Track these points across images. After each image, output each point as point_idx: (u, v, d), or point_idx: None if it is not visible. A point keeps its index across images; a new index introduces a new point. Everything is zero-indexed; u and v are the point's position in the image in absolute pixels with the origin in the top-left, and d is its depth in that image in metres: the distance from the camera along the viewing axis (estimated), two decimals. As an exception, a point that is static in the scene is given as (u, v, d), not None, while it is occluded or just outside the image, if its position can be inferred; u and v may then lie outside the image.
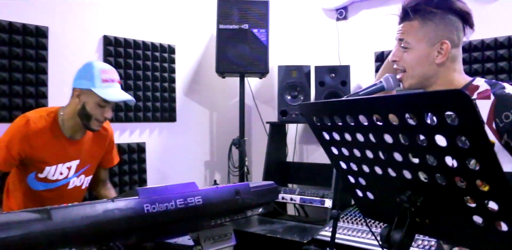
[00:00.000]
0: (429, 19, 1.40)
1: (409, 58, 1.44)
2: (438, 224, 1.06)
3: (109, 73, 2.15)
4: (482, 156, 0.81)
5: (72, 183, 2.27)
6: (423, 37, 1.41)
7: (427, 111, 0.84)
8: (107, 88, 2.11)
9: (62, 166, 2.20)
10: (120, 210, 1.39)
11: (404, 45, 1.44)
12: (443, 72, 1.43)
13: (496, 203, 0.86)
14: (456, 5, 1.40)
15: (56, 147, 2.16)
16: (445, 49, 1.39)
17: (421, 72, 1.44)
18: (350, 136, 1.11)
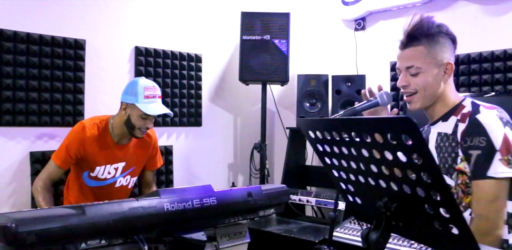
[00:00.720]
0: (434, 43, 1.56)
1: (422, 80, 1.58)
2: (409, 227, 1.23)
3: (151, 90, 2.48)
4: (430, 171, 0.98)
5: (119, 182, 2.63)
6: (431, 60, 1.56)
7: (389, 133, 1.02)
8: (149, 104, 2.45)
9: (110, 167, 2.56)
10: (143, 208, 1.58)
11: (415, 71, 1.58)
12: (444, 90, 1.59)
13: (446, 211, 1.03)
14: (449, 30, 1.58)
15: (106, 150, 2.53)
16: (450, 69, 1.56)
17: (432, 92, 1.59)
18: (337, 149, 1.29)
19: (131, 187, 2.75)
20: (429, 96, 1.60)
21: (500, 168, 1.38)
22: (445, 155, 1.56)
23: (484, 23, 2.96)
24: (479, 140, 1.42)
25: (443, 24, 1.59)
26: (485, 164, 1.40)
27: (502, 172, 1.38)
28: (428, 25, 1.56)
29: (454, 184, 1.52)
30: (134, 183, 2.75)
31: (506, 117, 1.48)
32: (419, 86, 1.59)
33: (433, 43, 1.56)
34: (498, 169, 1.38)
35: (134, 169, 2.69)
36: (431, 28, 1.55)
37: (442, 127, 1.59)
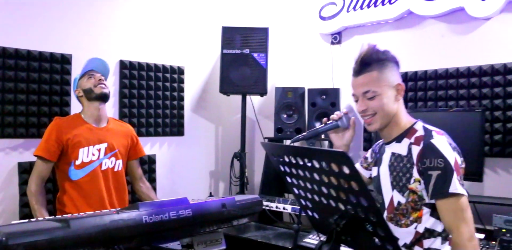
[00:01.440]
0: (385, 67, 1.72)
1: (379, 103, 1.71)
2: (356, 241, 1.39)
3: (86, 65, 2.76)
4: (366, 197, 1.14)
5: (105, 164, 2.71)
6: (385, 83, 1.71)
7: (331, 163, 1.18)
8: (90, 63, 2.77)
9: (93, 148, 2.67)
10: (123, 220, 1.72)
11: (372, 95, 1.71)
12: (399, 111, 1.75)
13: (381, 231, 1.19)
14: (393, 55, 1.75)
15: (85, 132, 2.66)
16: (401, 89, 1.72)
17: (389, 111, 1.72)
18: (295, 170, 1.45)
19: (119, 172, 2.79)
20: (387, 116, 1.74)
21: (458, 185, 1.55)
22: (399, 174, 1.71)
23: (450, 41, 3.14)
24: (437, 161, 1.58)
25: (387, 50, 1.74)
26: (446, 182, 1.55)
27: (460, 189, 1.55)
28: (377, 52, 1.71)
29: (405, 201, 1.68)
30: (121, 167, 2.80)
31: (453, 143, 1.66)
32: (377, 108, 1.72)
33: (383, 68, 1.71)
34: (457, 186, 1.55)
35: (117, 152, 2.77)
36: (380, 54, 1.71)
37: (396, 148, 1.74)
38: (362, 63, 1.73)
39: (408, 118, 1.76)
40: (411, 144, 1.68)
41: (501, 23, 2.93)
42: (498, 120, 2.86)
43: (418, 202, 1.65)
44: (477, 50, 3.02)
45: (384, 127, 1.77)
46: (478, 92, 2.96)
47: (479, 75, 2.96)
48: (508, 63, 2.85)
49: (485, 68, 2.93)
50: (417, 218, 1.66)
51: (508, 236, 2.15)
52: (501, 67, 2.87)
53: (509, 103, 2.84)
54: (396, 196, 1.71)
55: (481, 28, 3.01)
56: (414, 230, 1.68)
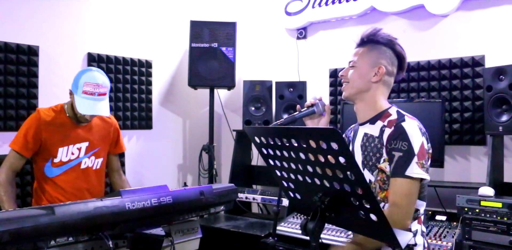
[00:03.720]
0: (376, 48, 1.82)
1: (354, 73, 1.84)
2: (340, 217, 1.47)
3: (91, 87, 2.45)
4: (353, 171, 1.23)
5: (84, 163, 2.62)
6: (367, 59, 1.81)
7: (320, 140, 1.25)
8: (85, 100, 2.43)
9: (73, 147, 2.56)
10: (107, 207, 1.74)
11: (352, 64, 1.85)
12: (374, 91, 1.83)
13: (367, 202, 1.28)
14: (398, 48, 1.84)
15: (66, 130, 2.53)
16: (380, 72, 1.80)
17: (359, 85, 1.82)
18: (279, 152, 1.51)
19: (98, 170, 2.70)
20: (356, 88, 1.84)
21: (416, 169, 1.64)
22: (370, 154, 1.81)
23: (411, 36, 3.30)
24: (402, 144, 1.68)
25: (396, 43, 1.83)
26: (404, 164, 1.65)
27: (417, 173, 1.65)
28: (379, 35, 1.82)
29: (374, 180, 1.78)
30: (101, 166, 2.72)
31: (423, 128, 1.75)
32: (351, 78, 1.85)
33: (374, 48, 1.82)
34: (414, 170, 1.64)
35: (99, 150, 2.68)
36: (380, 38, 1.81)
37: (369, 129, 1.84)
38: (361, 39, 1.86)
39: (385, 103, 1.86)
40: (384, 127, 1.77)
41: (458, 20, 3.11)
42: (456, 111, 3.04)
43: (386, 181, 1.75)
44: (436, 45, 3.19)
45: (353, 98, 1.88)
46: (438, 84, 3.12)
47: (438, 68, 3.13)
48: (464, 57, 3.03)
49: (443, 62, 3.10)
50: (385, 197, 1.76)
51: (470, 214, 2.30)
52: (458, 61, 3.05)
53: (465, 95, 3.01)
54: (366, 175, 1.81)
55: (440, 25, 3.19)
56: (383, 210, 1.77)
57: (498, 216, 2.21)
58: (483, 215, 2.26)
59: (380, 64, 1.81)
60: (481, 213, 2.27)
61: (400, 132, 1.69)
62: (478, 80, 2.97)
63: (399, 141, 1.68)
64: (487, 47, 2.98)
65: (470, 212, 2.31)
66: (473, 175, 2.99)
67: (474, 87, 2.99)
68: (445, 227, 2.58)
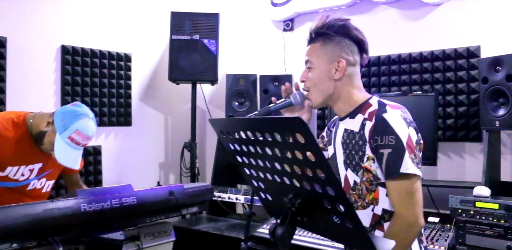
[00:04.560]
0: (329, 41, 1.63)
1: (313, 76, 1.65)
2: (313, 221, 1.29)
3: (81, 138, 2.18)
4: (323, 168, 1.04)
5: (32, 184, 2.33)
6: (323, 56, 1.63)
7: (283, 132, 1.07)
8: (67, 147, 2.16)
9: (25, 168, 2.26)
10: (58, 209, 1.57)
11: (309, 65, 1.67)
12: (342, 88, 1.65)
13: (341, 205, 1.10)
14: (353, 33, 1.64)
15: (22, 149, 2.21)
16: (341, 66, 1.61)
17: (323, 88, 1.64)
18: (246, 147, 1.33)
19: (46, 193, 2.43)
20: (322, 94, 1.66)
21: (410, 164, 1.46)
22: (352, 152, 1.62)
23: (403, 27, 3.12)
24: (388, 138, 1.48)
25: (349, 27, 1.63)
26: (397, 161, 1.46)
27: (412, 168, 1.46)
28: (328, 25, 1.61)
29: (359, 181, 1.59)
30: (50, 188, 2.44)
31: (409, 117, 1.55)
32: (311, 82, 1.66)
33: (327, 41, 1.62)
34: (409, 165, 1.45)
35: (51, 172, 2.40)
36: (331, 28, 1.61)
37: (349, 124, 1.65)
38: (310, 34, 1.68)
39: (363, 94, 1.67)
40: (365, 120, 1.58)
41: (451, 9, 2.94)
42: (450, 105, 2.87)
43: (374, 181, 1.56)
44: (429, 35, 3.02)
45: (324, 105, 1.71)
46: (431, 77, 2.95)
47: (431, 60, 2.95)
48: (458, 48, 2.86)
49: (436, 53, 2.93)
50: (373, 199, 1.57)
51: (464, 216, 2.12)
52: (452, 52, 2.88)
53: (460, 88, 2.84)
54: (350, 176, 1.62)
55: (432, 14, 3.01)
56: (371, 212, 1.58)
57: (495, 218, 2.03)
58: (478, 218, 2.08)
59: (338, 57, 1.61)
60: (476, 215, 2.09)
61: (383, 125, 1.50)
62: (473, 72, 2.79)
63: (384, 135, 1.49)
64: (483, 37, 2.80)
65: (464, 214, 2.12)
66: (468, 173, 2.82)
67: (469, 80, 2.82)
68: (438, 230, 2.40)
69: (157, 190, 1.96)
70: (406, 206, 1.47)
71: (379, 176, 1.55)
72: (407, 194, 1.47)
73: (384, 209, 1.56)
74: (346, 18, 1.64)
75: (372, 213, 1.58)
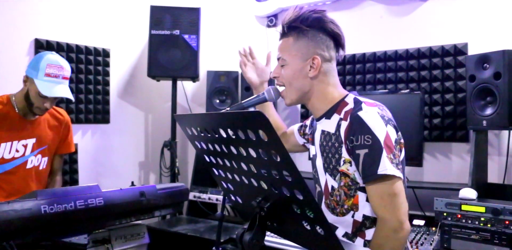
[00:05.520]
0: (302, 36, 1.52)
1: (286, 73, 1.56)
2: (283, 227, 1.19)
3: (55, 68, 2.26)
4: (289, 169, 0.95)
5: (31, 162, 2.38)
6: (296, 52, 1.53)
7: (246, 128, 0.97)
8: (48, 83, 2.24)
9: (18, 143, 2.32)
10: (15, 211, 1.47)
11: (281, 62, 1.57)
12: (318, 86, 1.55)
13: (310, 211, 1.00)
14: (328, 26, 1.53)
15: (11, 124, 2.29)
16: (316, 63, 1.51)
17: (298, 86, 1.55)
18: (212, 146, 1.23)
19: (44, 170, 2.48)
20: (296, 91, 1.56)
21: (388, 164, 1.35)
22: (329, 155, 1.51)
23: (389, 23, 3.03)
24: (364, 138, 1.38)
25: (325, 20, 1.52)
26: (375, 162, 1.36)
27: (390, 169, 1.35)
28: (302, 18, 1.51)
29: (337, 186, 1.49)
30: (46, 165, 2.49)
31: (387, 115, 1.45)
32: (285, 80, 1.57)
33: (301, 36, 1.52)
34: (387, 165, 1.35)
35: (46, 148, 2.45)
36: (304, 21, 1.51)
37: (326, 125, 1.55)
38: (283, 27, 1.58)
39: (339, 91, 1.57)
40: (340, 120, 1.48)
41: (439, 4, 2.85)
42: (437, 104, 2.78)
43: (352, 186, 1.45)
44: (416, 32, 2.93)
45: (298, 103, 1.62)
46: (417, 75, 2.86)
47: (418, 57, 2.86)
48: (445, 45, 2.77)
49: (423, 50, 2.84)
50: (353, 205, 1.47)
51: (449, 220, 2.02)
52: (438, 49, 2.79)
53: (447, 86, 2.75)
54: (329, 180, 1.52)
55: (419, 10, 2.93)
56: (351, 219, 1.47)
57: (481, 222, 1.93)
58: (464, 221, 1.99)
59: (312, 54, 1.51)
60: (462, 219, 1.99)
61: (359, 124, 1.39)
62: (460, 70, 2.71)
63: (359, 135, 1.38)
64: (471, 34, 2.71)
65: (449, 218, 2.03)
66: (455, 175, 2.73)
67: (456, 78, 2.73)
68: (423, 233, 2.30)
69: (126, 191, 1.87)
70: (389, 209, 1.36)
71: (357, 180, 1.44)
72: (389, 196, 1.36)
73: (365, 215, 1.46)
74: (322, 10, 1.54)
75: (353, 220, 1.47)
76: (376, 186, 1.37)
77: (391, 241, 1.34)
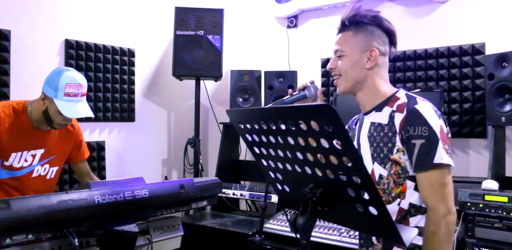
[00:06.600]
0: (361, 30, 1.63)
1: (344, 63, 1.65)
2: (334, 211, 1.28)
3: (74, 88, 2.24)
4: (350, 156, 1.05)
5: (36, 171, 2.37)
6: (355, 45, 1.63)
7: (311, 120, 1.07)
8: (68, 102, 2.21)
9: (27, 153, 2.31)
10: (73, 201, 1.56)
11: (340, 53, 1.66)
12: (372, 77, 1.64)
13: (367, 193, 1.10)
14: (385, 23, 1.64)
15: (23, 134, 2.28)
16: (374, 56, 1.61)
17: (354, 76, 1.64)
18: (265, 138, 1.33)
19: (51, 179, 2.47)
20: (352, 80, 1.66)
21: (444, 154, 1.45)
22: (380, 144, 1.61)
23: (407, 24, 3.13)
24: (421, 129, 1.47)
25: (381, 17, 1.64)
26: (430, 152, 1.45)
27: (446, 158, 1.45)
28: (361, 14, 1.62)
29: (387, 174, 1.58)
30: (54, 175, 2.48)
31: (438, 111, 1.56)
32: (342, 70, 1.66)
33: (360, 30, 1.62)
34: (442, 155, 1.45)
35: (54, 158, 2.44)
36: (363, 17, 1.62)
37: (376, 117, 1.65)
38: (342, 23, 1.68)
39: (390, 87, 1.67)
40: (393, 112, 1.58)
41: (456, 6, 2.95)
42: (455, 101, 2.88)
43: (402, 174, 1.54)
44: (434, 32, 3.03)
45: (355, 94, 1.71)
46: (436, 73, 2.96)
47: (436, 57, 2.96)
48: (463, 45, 2.87)
49: (441, 50, 2.94)
50: (400, 193, 1.56)
51: (473, 210, 2.13)
52: (457, 49, 2.89)
53: (465, 84, 2.85)
54: (377, 169, 1.61)
55: (438, 11, 3.03)
56: (397, 207, 1.56)
57: (504, 211, 2.05)
58: (487, 211, 2.10)
59: (371, 47, 1.61)
60: (485, 208, 2.10)
61: (416, 116, 1.49)
62: (478, 69, 2.81)
63: (416, 126, 1.48)
64: (488, 35, 2.82)
65: (473, 207, 2.14)
66: (473, 169, 2.83)
67: (474, 76, 2.83)
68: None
69: (168, 183, 1.96)
70: (439, 198, 1.46)
71: (408, 169, 1.54)
72: (440, 185, 1.46)
73: (411, 203, 1.55)
74: (378, 10, 1.65)
75: (398, 208, 1.57)
76: (429, 174, 1.47)
77: (443, 226, 1.44)
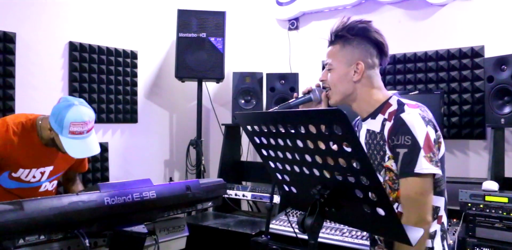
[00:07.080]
0: (349, 42, 1.66)
1: (332, 77, 1.70)
2: (341, 212, 1.32)
3: (79, 126, 2.17)
4: (359, 158, 1.08)
5: (44, 187, 2.39)
6: (342, 58, 1.67)
7: (321, 124, 1.11)
8: (73, 140, 2.16)
9: (36, 171, 2.31)
10: (83, 202, 1.59)
11: (329, 67, 1.71)
12: (361, 89, 1.68)
13: (374, 194, 1.14)
14: (372, 35, 1.66)
15: (33, 152, 2.24)
16: (360, 69, 1.65)
17: (342, 89, 1.69)
18: (274, 140, 1.37)
19: (54, 190, 2.51)
20: (340, 94, 1.70)
21: (424, 164, 1.48)
22: (374, 152, 1.66)
23: (407, 27, 3.17)
24: (404, 138, 1.51)
25: (370, 29, 1.64)
26: (412, 161, 1.49)
27: (426, 168, 1.48)
28: (349, 27, 1.64)
29: (382, 180, 1.62)
30: (55, 187, 2.52)
31: (428, 116, 1.58)
32: (331, 83, 1.71)
33: (347, 44, 1.66)
34: (423, 165, 1.48)
35: (60, 175, 2.49)
36: (351, 30, 1.64)
37: (371, 124, 1.69)
38: (331, 35, 1.72)
39: (383, 93, 1.70)
40: (385, 120, 1.61)
41: (456, 9, 2.99)
42: (455, 103, 2.92)
43: (396, 180, 1.58)
44: (434, 35, 3.07)
45: (342, 103, 1.74)
46: (435, 76, 3.00)
47: (436, 59, 3.01)
48: (463, 47, 2.91)
49: (441, 53, 2.98)
50: (397, 197, 1.60)
51: (474, 210, 2.18)
52: (456, 51, 2.93)
53: (464, 87, 2.89)
54: None
55: (437, 14, 3.07)
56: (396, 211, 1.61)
57: (504, 211, 2.09)
58: (487, 211, 2.14)
59: (357, 60, 1.64)
60: (486, 209, 2.15)
61: (400, 125, 1.53)
62: (477, 71, 2.85)
63: (400, 135, 1.52)
64: (487, 37, 2.86)
65: (474, 208, 2.18)
66: (472, 170, 2.88)
67: (473, 79, 2.88)
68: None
69: (174, 185, 1.99)
70: (412, 207, 1.51)
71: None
72: (416, 194, 1.50)
73: None
74: (367, 20, 1.66)
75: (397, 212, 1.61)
76: (408, 182, 1.51)
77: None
